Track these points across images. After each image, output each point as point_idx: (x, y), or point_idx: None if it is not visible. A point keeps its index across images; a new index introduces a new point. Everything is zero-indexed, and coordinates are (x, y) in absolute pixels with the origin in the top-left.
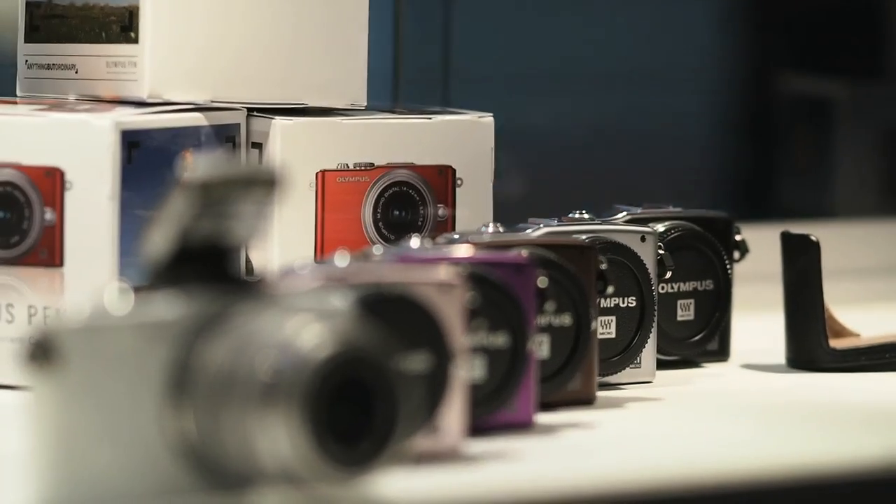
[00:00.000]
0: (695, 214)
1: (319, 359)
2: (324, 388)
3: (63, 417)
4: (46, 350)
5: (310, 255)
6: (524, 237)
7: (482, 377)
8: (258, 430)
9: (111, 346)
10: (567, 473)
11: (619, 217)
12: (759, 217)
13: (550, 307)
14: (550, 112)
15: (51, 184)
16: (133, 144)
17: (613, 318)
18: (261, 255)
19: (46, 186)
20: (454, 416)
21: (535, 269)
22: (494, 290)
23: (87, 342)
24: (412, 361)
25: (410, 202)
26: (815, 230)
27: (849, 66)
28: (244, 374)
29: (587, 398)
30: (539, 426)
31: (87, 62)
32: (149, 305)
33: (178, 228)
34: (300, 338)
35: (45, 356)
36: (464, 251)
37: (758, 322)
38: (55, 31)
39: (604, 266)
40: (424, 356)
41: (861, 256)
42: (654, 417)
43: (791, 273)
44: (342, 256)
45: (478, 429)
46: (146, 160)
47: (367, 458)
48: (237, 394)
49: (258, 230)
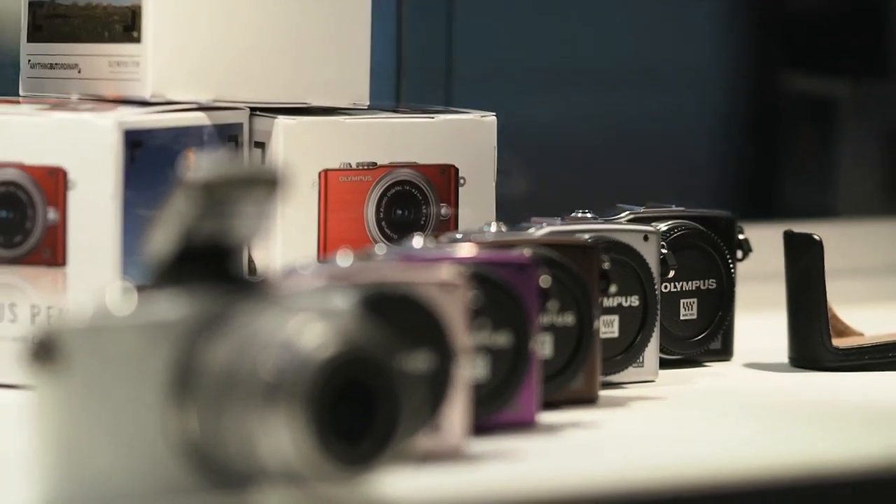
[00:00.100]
0: (698, 213)
1: (322, 359)
2: (326, 388)
3: (66, 417)
4: (49, 350)
5: (312, 255)
6: (527, 236)
7: (485, 376)
8: (260, 430)
9: (114, 346)
10: (570, 473)
11: (622, 216)
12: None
13: (553, 306)
14: (553, 111)
15: (54, 183)
16: (136, 144)
17: (616, 318)
18: (263, 255)
19: (49, 186)
20: (457, 416)
21: (538, 269)
22: (497, 290)
23: (90, 342)
24: (415, 361)
25: (413, 201)
26: (818, 229)
27: (851, 66)
28: (246, 374)
29: (590, 397)
30: (542, 425)
31: (90, 62)
32: (151, 305)
33: (181, 228)
34: (302, 337)
35: (48, 356)
36: (466, 251)
37: (761, 321)
38: (58, 31)
39: (607, 265)
40: (427, 356)
41: (864, 256)
42: (657, 417)
43: (794, 272)
44: (345, 256)
45: (480, 428)
46: (149, 160)
47: (370, 458)
48: (239, 393)
49: (261, 230)
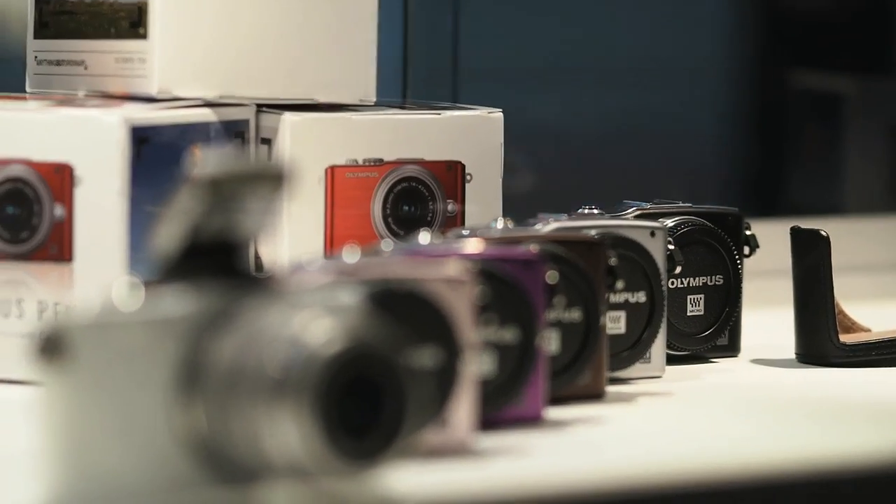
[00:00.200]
0: (705, 210)
1: (329, 355)
2: (333, 385)
3: (73, 413)
4: (56, 346)
5: (319, 251)
6: (533, 232)
7: (491, 372)
8: (267, 425)
9: (121, 342)
10: (576, 468)
11: (629, 212)
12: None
13: (560, 302)
14: (559, 109)
15: (60, 179)
16: (142, 140)
17: (623, 314)
18: (270, 251)
19: (56, 182)
20: (463, 411)
21: (545, 265)
22: (504, 286)
23: (97, 338)
24: (421, 357)
25: (420, 198)
26: (825, 226)
27: (858, 63)
28: (253, 370)
29: (596, 393)
30: (548, 421)
31: (97, 58)
32: (158, 301)
33: (188, 224)
34: (309, 333)
35: (55, 352)
36: (473, 246)
37: (768, 317)
38: (64, 28)
39: (613, 261)
40: (434, 351)
41: (870, 252)
42: (664, 413)
43: (801, 268)
44: (351, 252)
45: (487, 423)
46: (155, 156)
47: (376, 453)
48: (246, 389)
49: (267, 226)
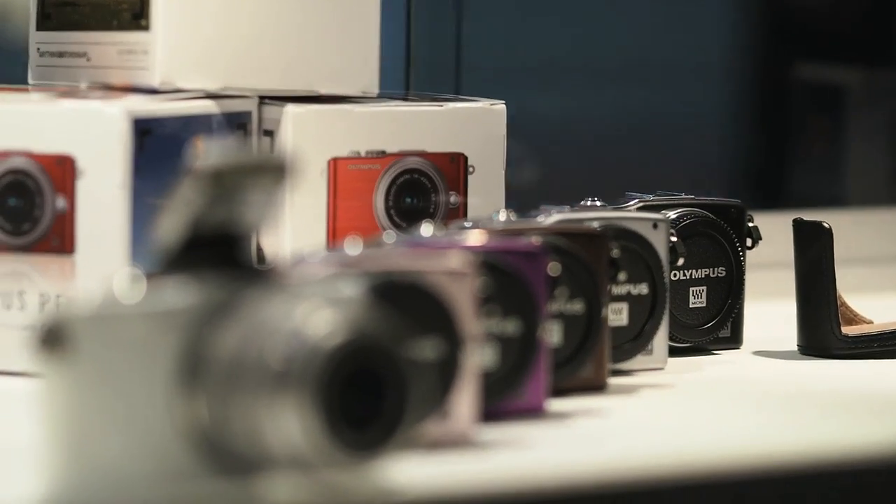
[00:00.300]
0: (707, 202)
1: (330, 347)
2: (335, 376)
3: (74, 405)
4: (58, 337)
5: (321, 243)
6: (536, 224)
7: (493, 364)
8: (269, 417)
9: (122, 334)
10: (578, 460)
11: (632, 204)
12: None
13: (562, 294)
14: (563, 102)
15: (62, 171)
16: (144, 132)
17: (625, 305)
18: (272, 243)
19: (58, 174)
20: (465, 403)
21: (547, 257)
22: (506, 278)
23: (99, 330)
24: (423, 349)
25: (422, 189)
26: (828, 218)
27: (861, 55)
28: (255, 362)
29: (599, 385)
30: (550, 413)
31: (99, 50)
32: (160, 293)
33: (190, 216)
34: (311, 325)
35: (57, 344)
36: (475, 238)
37: (770, 309)
38: (67, 19)
39: (616, 253)
40: (436, 343)
41: (873, 244)
42: (666, 404)
43: (803, 260)
44: (354, 244)
45: (489, 415)
46: (158, 148)
47: (378, 445)
48: (248, 381)
49: (269, 218)
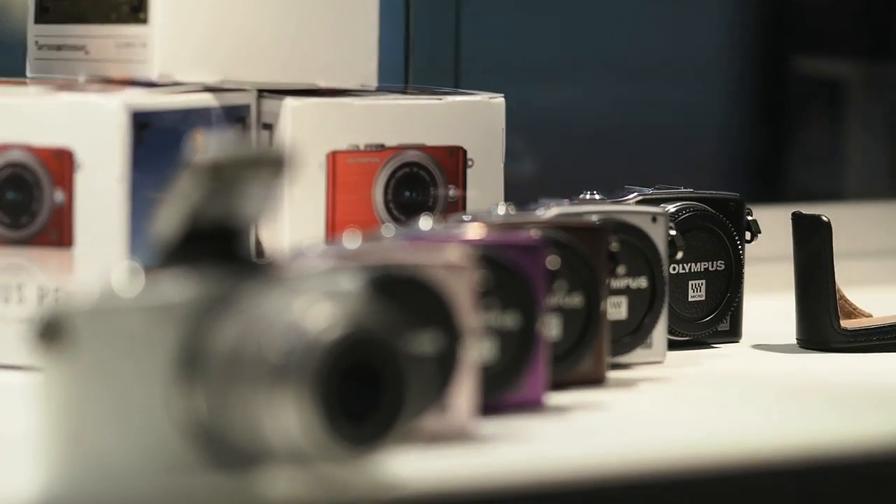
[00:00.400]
0: (706, 195)
1: (329, 340)
2: (333, 370)
3: (72, 398)
4: (56, 331)
5: (320, 237)
6: (535, 218)
7: (492, 358)
8: (267, 411)
9: (121, 327)
10: (577, 454)
11: (631, 198)
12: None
13: (561, 288)
14: (562, 96)
15: (60, 165)
16: (143, 125)
17: (624, 299)
18: (271, 236)
19: (56, 167)
20: (464, 397)
21: (546, 250)
22: (505, 271)
23: (97, 323)
24: (422, 342)
25: (421, 183)
26: (827, 211)
27: (860, 49)
28: (253, 356)
29: (597, 378)
30: (549, 406)
31: (97, 43)
32: (158, 286)
33: (188, 209)
34: (309, 319)
35: (55, 337)
36: (474, 232)
37: (769, 303)
38: (65, 13)
39: (615, 247)
40: (434, 337)
41: (872, 237)
42: (665, 398)
43: (802, 254)
44: (352, 237)
45: (488, 409)
46: (156, 141)
47: (376, 439)
48: (246, 375)
49: (268, 211)
